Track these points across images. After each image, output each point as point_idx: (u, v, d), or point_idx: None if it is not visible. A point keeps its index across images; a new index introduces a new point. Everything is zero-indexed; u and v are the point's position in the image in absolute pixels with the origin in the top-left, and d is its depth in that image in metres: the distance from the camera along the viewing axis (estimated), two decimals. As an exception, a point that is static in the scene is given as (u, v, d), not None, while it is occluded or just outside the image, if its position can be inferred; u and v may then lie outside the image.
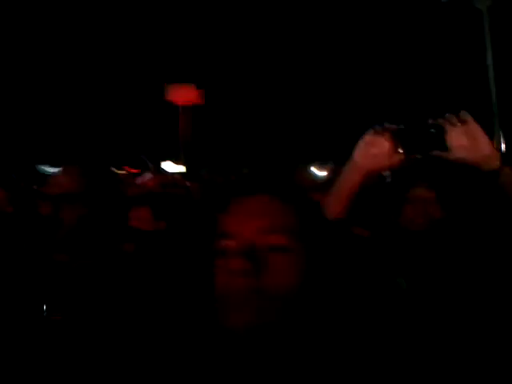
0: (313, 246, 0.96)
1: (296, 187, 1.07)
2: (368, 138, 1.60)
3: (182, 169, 16.32)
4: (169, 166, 16.17)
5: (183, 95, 19.45)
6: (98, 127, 23.82)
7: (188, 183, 7.44)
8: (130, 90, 23.54)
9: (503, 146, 14.06)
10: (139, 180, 8.66)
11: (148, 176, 8.75)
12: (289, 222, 0.95)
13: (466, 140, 1.52)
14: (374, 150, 1.57)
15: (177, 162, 17.04)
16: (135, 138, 23.00)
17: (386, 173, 2.89)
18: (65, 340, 1.55)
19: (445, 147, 1.54)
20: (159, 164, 13.36)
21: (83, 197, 1.73)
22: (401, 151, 1.57)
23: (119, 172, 10.44)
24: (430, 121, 1.56)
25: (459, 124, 1.52)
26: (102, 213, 1.79)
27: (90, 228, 1.74)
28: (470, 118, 1.54)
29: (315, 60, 23.05)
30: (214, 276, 0.96)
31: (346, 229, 1.60)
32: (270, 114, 23.65)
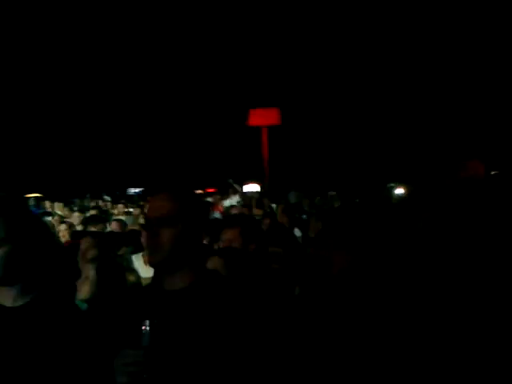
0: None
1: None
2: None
3: (256, 188, 16.45)
4: (249, 187, 16.42)
5: (264, 118, 19.73)
6: (180, 152, 24.65)
7: (273, 205, 7.52)
8: (209, 114, 24.26)
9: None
10: (225, 202, 8.90)
11: (234, 198, 8.99)
12: None
13: None
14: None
15: (258, 182, 17.25)
16: (215, 161, 23.58)
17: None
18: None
19: None
20: (242, 185, 13.62)
21: (180, 219, 1.84)
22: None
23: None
24: None
25: None
26: (196, 233, 1.90)
27: (186, 248, 1.85)
28: None
29: (390, 82, 22.78)
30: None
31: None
32: (347, 133, 23.57)
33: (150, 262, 1.89)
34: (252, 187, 16.49)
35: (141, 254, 5.22)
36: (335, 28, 22.62)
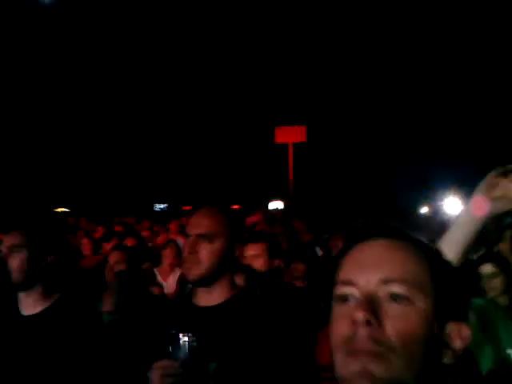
0: (437, 296, 0.92)
1: (415, 232, 1.01)
2: (491, 180, 1.48)
3: (280, 205, 16.47)
4: (274, 204, 16.45)
5: (290, 135, 19.77)
6: (206, 169, 24.84)
7: (296, 222, 7.51)
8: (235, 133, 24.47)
9: None
10: (250, 218, 8.92)
11: (258, 215, 9.01)
12: (411, 270, 0.91)
13: None
14: (498, 193, 1.46)
15: (283, 199, 17.27)
16: (240, 178, 23.67)
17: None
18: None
19: None
20: (267, 202, 13.67)
21: (219, 236, 1.87)
22: None
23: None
24: None
25: None
26: (233, 249, 1.92)
27: (223, 264, 1.87)
28: None
29: (417, 102, 22.72)
30: (331, 321, 0.93)
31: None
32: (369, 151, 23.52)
33: (188, 277, 1.92)
34: (276, 204, 16.51)
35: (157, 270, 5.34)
36: (362, 48, 22.70)
